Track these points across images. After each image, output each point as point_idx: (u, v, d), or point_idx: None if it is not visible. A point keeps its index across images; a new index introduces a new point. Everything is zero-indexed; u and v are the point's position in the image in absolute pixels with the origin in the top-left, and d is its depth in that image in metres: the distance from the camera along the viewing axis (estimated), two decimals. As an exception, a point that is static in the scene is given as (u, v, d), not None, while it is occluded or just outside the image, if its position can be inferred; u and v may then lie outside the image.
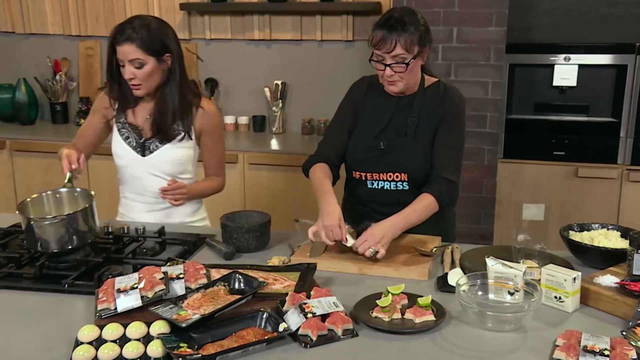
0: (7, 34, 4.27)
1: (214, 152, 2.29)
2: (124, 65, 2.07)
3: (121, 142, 2.22)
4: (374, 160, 2.04)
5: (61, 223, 1.77)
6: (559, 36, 3.56)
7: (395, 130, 2.03)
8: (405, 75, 1.95)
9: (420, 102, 2.02)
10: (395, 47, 1.88)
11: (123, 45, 2.05)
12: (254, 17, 3.88)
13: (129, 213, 2.29)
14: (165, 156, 2.19)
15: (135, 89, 2.11)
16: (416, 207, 1.90)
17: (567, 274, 1.54)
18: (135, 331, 1.38)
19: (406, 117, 2.03)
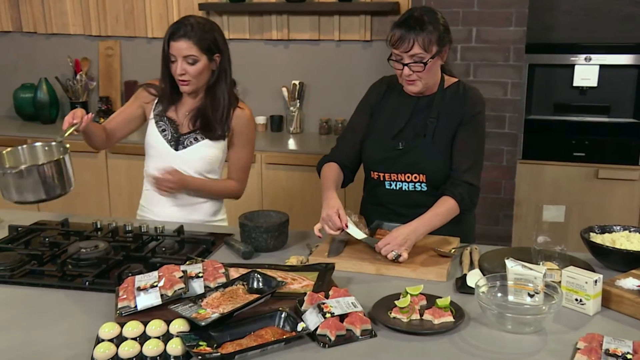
0: (30, 34, 4.33)
1: (239, 155, 2.30)
2: (176, 61, 2.12)
3: (157, 134, 2.25)
4: (392, 160, 2.03)
5: (25, 175, 1.80)
6: (580, 36, 3.52)
7: (414, 131, 2.02)
8: (424, 75, 1.94)
9: (440, 102, 2.01)
10: (413, 47, 1.88)
11: (179, 41, 2.09)
12: (272, 17, 3.89)
13: (151, 206, 2.31)
14: (198, 153, 2.22)
15: (184, 84, 2.15)
16: (438, 211, 1.89)
17: (589, 277, 1.52)
18: (155, 329, 1.39)
19: (425, 117, 2.01)
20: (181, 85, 2.16)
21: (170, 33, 2.12)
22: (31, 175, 1.79)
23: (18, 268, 1.77)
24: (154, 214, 2.29)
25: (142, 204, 2.37)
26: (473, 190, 1.96)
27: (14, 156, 1.92)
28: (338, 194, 1.99)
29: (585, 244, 1.84)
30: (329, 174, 2.07)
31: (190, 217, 2.26)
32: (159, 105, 2.27)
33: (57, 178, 1.84)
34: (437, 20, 1.91)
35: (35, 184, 1.79)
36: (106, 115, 4.16)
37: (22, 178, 1.79)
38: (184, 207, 2.27)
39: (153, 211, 2.30)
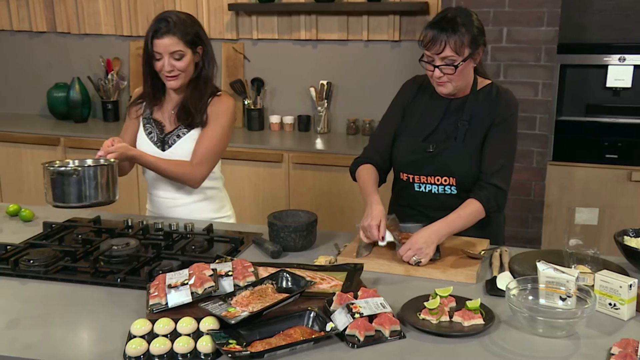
0: (63, 34, 4.41)
1: (203, 137, 2.20)
2: (161, 58, 2.11)
3: (144, 138, 2.26)
4: (422, 163, 2.01)
5: (80, 175, 1.83)
6: (614, 36, 3.45)
7: (445, 134, 2.00)
8: (455, 77, 1.91)
9: (472, 105, 1.98)
10: (445, 49, 1.85)
11: (164, 38, 2.09)
12: (301, 17, 3.90)
13: (155, 209, 2.33)
14: (184, 148, 2.20)
15: (172, 79, 2.14)
16: (462, 212, 1.87)
17: (623, 281, 1.49)
18: (186, 326, 1.41)
19: (457, 120, 1.99)
20: (168, 80, 2.15)
21: (153, 31, 2.11)
22: (80, 178, 1.83)
23: (52, 264, 1.80)
24: (158, 215, 2.32)
25: (148, 208, 2.40)
26: (500, 193, 1.92)
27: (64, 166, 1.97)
28: None
29: (619, 248, 1.80)
30: (369, 177, 2.04)
31: (191, 216, 2.26)
32: (146, 108, 2.28)
33: (104, 185, 1.87)
34: (471, 22, 1.88)
35: (81, 188, 1.83)
36: (136, 115, 4.23)
37: (70, 181, 1.83)
38: (186, 206, 2.28)
39: (160, 214, 2.32)
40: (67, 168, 1.88)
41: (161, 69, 2.13)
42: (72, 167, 1.89)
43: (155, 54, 2.12)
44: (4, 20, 4.47)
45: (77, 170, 1.85)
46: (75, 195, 1.86)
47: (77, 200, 1.87)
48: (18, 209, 2.27)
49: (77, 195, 1.86)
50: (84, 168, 1.87)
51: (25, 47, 4.51)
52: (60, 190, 1.86)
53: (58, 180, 1.85)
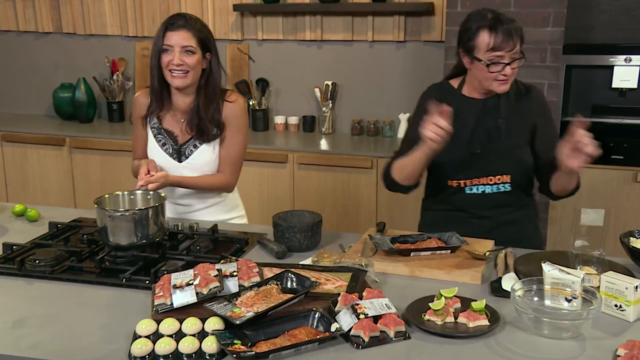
0: (69, 35, 4.43)
1: (228, 147, 2.22)
2: (171, 51, 2.09)
3: (157, 150, 2.25)
4: (471, 165, 2.00)
5: (133, 217, 1.84)
6: (620, 36, 3.44)
7: (485, 134, 2.00)
8: (514, 74, 1.95)
9: (507, 101, 2.01)
10: (517, 44, 1.90)
11: (179, 31, 2.09)
12: (306, 17, 3.90)
13: (170, 214, 2.32)
14: (201, 158, 2.22)
15: (179, 77, 2.11)
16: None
17: (629, 282, 1.49)
18: (191, 327, 1.41)
19: (494, 118, 2.00)
20: (175, 78, 2.12)
21: (168, 24, 2.11)
22: (131, 219, 1.84)
23: (58, 264, 1.81)
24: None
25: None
26: None
27: (114, 201, 2.00)
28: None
29: (625, 249, 1.80)
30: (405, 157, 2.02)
31: (203, 219, 2.26)
32: (153, 117, 2.25)
33: (152, 224, 1.88)
34: (515, 20, 1.94)
35: (131, 228, 1.84)
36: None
37: (122, 221, 1.84)
38: (200, 211, 2.29)
39: (176, 218, 2.33)
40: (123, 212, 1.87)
41: (168, 63, 2.10)
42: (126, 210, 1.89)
43: (165, 47, 2.10)
44: (10, 20, 4.49)
45: (135, 214, 1.86)
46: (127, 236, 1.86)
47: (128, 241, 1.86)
48: (24, 209, 2.28)
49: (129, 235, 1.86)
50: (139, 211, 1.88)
51: (31, 47, 4.53)
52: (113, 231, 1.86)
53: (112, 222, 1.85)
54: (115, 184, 3.65)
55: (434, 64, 3.68)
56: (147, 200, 2.02)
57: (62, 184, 4.07)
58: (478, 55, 1.92)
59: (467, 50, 1.95)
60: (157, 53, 2.14)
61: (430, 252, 1.85)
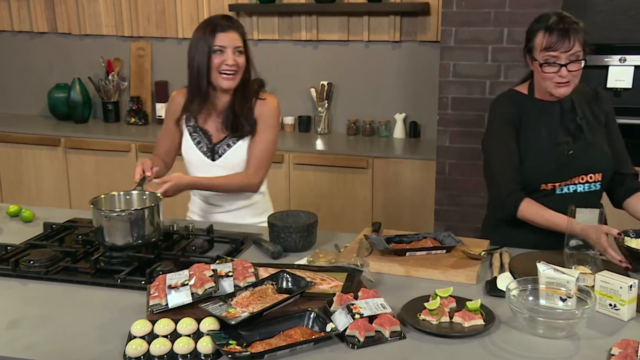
0: (64, 35, 4.42)
1: (255, 143, 2.21)
2: (222, 52, 2.10)
3: (193, 147, 2.26)
4: (566, 167, 1.98)
5: (129, 217, 1.84)
6: (615, 36, 3.45)
7: (569, 134, 2.01)
8: (578, 75, 1.93)
9: (579, 102, 2.03)
10: (574, 45, 1.88)
11: (230, 32, 2.11)
12: (302, 17, 3.90)
13: (197, 210, 2.35)
14: (235, 157, 2.22)
15: (230, 78, 2.13)
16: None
17: (623, 281, 1.49)
18: (186, 327, 1.41)
19: (572, 119, 2.01)
20: (225, 79, 2.13)
21: (215, 25, 2.11)
22: (127, 219, 1.84)
23: (52, 265, 1.80)
24: (205, 220, 2.33)
25: (191, 209, 2.40)
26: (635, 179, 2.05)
27: (110, 201, 2.00)
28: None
29: (620, 248, 1.80)
30: (545, 210, 1.93)
31: (236, 221, 2.27)
32: (190, 118, 2.25)
33: (148, 224, 1.88)
34: (580, 22, 1.93)
35: (127, 228, 1.84)
36: (137, 115, 4.23)
37: (118, 221, 1.84)
38: (232, 212, 2.29)
39: (197, 214, 2.35)
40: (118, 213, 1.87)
41: (221, 64, 2.10)
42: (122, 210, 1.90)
43: (217, 48, 2.10)
44: (5, 20, 4.48)
45: (131, 214, 1.86)
46: (123, 237, 1.86)
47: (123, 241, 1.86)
48: (18, 209, 2.28)
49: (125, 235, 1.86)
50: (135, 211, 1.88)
51: (26, 47, 4.52)
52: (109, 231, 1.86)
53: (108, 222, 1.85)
54: (110, 185, 3.64)
55: (429, 64, 3.69)
56: (143, 200, 2.02)
57: (57, 185, 4.06)
58: (535, 55, 1.94)
59: (528, 50, 1.98)
60: (207, 54, 2.11)
61: (426, 252, 1.85)
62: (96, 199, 1.95)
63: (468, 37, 3.13)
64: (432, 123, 3.61)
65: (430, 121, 3.74)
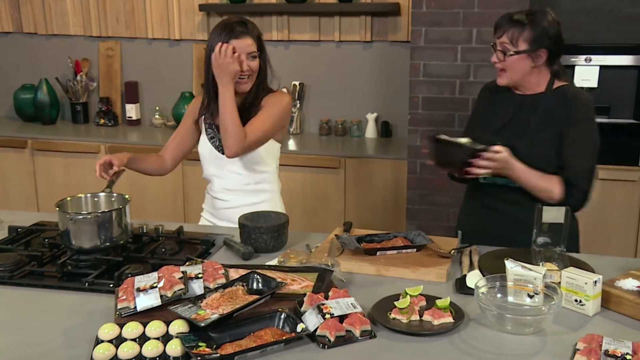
0: (30, 34, 4.34)
1: (257, 117, 2.20)
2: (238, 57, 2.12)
3: (206, 142, 2.28)
4: None
5: (95, 219, 1.81)
6: (580, 37, 3.52)
7: (516, 129, 2.04)
8: (507, 67, 1.99)
9: (545, 103, 2.03)
10: (502, 36, 1.98)
11: (244, 38, 2.13)
12: (273, 17, 3.89)
13: (210, 208, 2.35)
14: None
15: (244, 82, 2.16)
16: (543, 175, 1.96)
17: (588, 277, 1.52)
18: (155, 330, 1.39)
19: (528, 116, 2.03)
20: (240, 84, 2.16)
21: (230, 31, 2.12)
22: (94, 222, 1.82)
23: (18, 269, 1.77)
24: (217, 218, 2.33)
25: (205, 208, 2.39)
26: (583, 195, 1.98)
27: (77, 204, 1.97)
28: None
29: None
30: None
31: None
32: (207, 116, 2.27)
33: (116, 227, 1.86)
34: (541, 23, 1.95)
35: (94, 231, 1.82)
36: (106, 116, 4.17)
37: (85, 224, 1.82)
38: (238, 208, 2.25)
39: (216, 214, 2.33)
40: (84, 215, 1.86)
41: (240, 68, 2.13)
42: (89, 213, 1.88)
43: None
44: (-31, 20, 4.38)
45: (97, 216, 1.83)
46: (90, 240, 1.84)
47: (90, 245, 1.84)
48: (-17, 213, 2.23)
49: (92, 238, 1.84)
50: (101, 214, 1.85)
51: (-9, 47, 4.43)
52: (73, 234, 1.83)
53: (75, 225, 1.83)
54: (79, 187, 3.59)
55: (400, 64, 3.71)
56: (111, 202, 1.99)
57: (24, 187, 3.98)
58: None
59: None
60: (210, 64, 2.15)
61: (397, 251, 1.86)
62: (62, 201, 1.92)
63: (438, 37, 3.16)
64: (403, 122, 3.64)
65: (401, 121, 3.77)
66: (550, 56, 2.00)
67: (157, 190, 3.77)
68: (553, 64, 2.04)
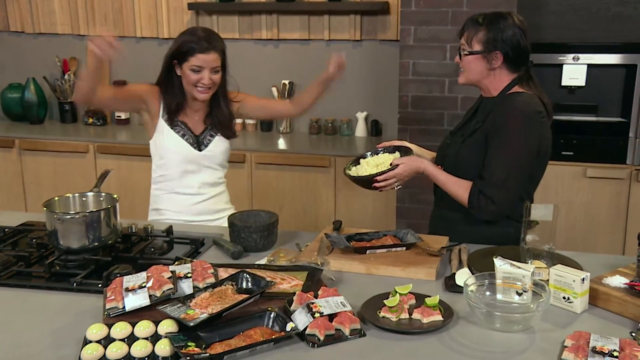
0: (17, 33, 4.30)
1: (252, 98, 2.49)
2: (200, 71, 2.20)
3: (178, 139, 2.31)
4: (439, 151, 2.19)
5: (84, 219, 1.80)
6: (568, 35, 3.54)
7: (462, 130, 2.11)
8: (464, 66, 2.03)
9: (487, 107, 2.04)
10: (462, 36, 2.02)
11: (210, 54, 2.20)
12: (262, 16, 3.88)
13: (179, 207, 2.35)
14: (218, 147, 2.36)
15: (205, 92, 2.24)
16: (452, 177, 2.00)
17: (576, 275, 1.53)
18: (144, 330, 1.39)
19: (476, 120, 2.07)
20: (200, 94, 2.24)
21: (199, 47, 2.18)
22: (82, 222, 1.81)
23: (5, 270, 1.75)
24: (191, 214, 2.35)
25: (162, 208, 2.38)
26: (489, 203, 1.91)
27: (65, 204, 1.96)
28: None
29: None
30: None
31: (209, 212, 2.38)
32: (166, 113, 2.31)
33: (104, 226, 1.84)
34: (497, 26, 1.95)
35: (82, 231, 1.81)
36: (95, 115, 4.15)
37: (73, 224, 1.81)
38: (206, 201, 2.37)
39: (176, 213, 2.35)
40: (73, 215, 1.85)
41: (197, 81, 2.21)
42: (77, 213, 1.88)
43: (196, 68, 2.20)
44: (-45, 18, 4.34)
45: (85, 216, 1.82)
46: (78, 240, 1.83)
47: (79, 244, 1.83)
48: (-31, 213, 2.20)
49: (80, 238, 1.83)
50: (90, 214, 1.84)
51: (-23, 46, 4.38)
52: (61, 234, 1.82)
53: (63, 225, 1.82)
54: (68, 187, 3.56)
55: (390, 63, 3.72)
56: (100, 202, 1.98)
57: (12, 187, 3.95)
58: None
59: None
60: (170, 67, 2.25)
61: (386, 249, 1.86)
62: (50, 201, 1.91)
63: (427, 36, 3.17)
64: (393, 121, 3.64)
65: (391, 119, 3.77)
66: (507, 60, 1.96)
67: (146, 189, 3.74)
68: (517, 69, 1.99)
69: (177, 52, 2.22)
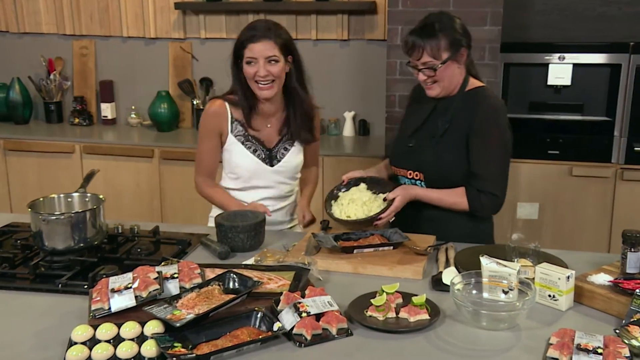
0: (1, 33, 4.26)
1: (315, 149, 2.38)
2: (254, 63, 2.06)
3: (249, 156, 2.18)
4: (403, 157, 2.12)
5: (69, 220, 1.79)
6: (554, 35, 3.56)
7: (429, 132, 2.06)
8: (439, 78, 1.98)
9: (456, 106, 2.03)
10: (423, 55, 1.94)
11: (261, 42, 2.05)
12: (249, 16, 3.87)
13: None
14: (292, 162, 2.24)
15: (267, 88, 2.09)
16: (442, 192, 2.00)
17: (561, 273, 1.54)
18: (129, 331, 1.38)
19: (438, 120, 2.05)
20: (262, 90, 2.09)
21: (248, 36, 2.07)
22: (67, 223, 1.79)
23: (-11, 271, 1.74)
24: None
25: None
26: (494, 200, 1.99)
27: (50, 204, 1.94)
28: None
29: None
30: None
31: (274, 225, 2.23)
32: (237, 125, 2.18)
33: (90, 227, 1.83)
34: (451, 26, 1.95)
35: (68, 231, 1.79)
36: (81, 115, 4.12)
37: (58, 225, 1.79)
38: (278, 211, 2.27)
39: None
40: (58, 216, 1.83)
41: (254, 74, 2.07)
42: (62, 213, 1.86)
43: (249, 59, 2.07)
44: (-62, 18, 4.29)
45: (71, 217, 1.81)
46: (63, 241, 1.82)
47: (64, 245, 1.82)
48: (-47, 214, 2.18)
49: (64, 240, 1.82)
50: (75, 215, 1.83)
51: (-39, 46, 4.34)
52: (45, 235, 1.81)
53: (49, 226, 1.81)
54: (54, 187, 3.53)
55: (377, 62, 3.72)
56: (85, 202, 1.97)
57: (-3, 188, 3.91)
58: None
59: None
60: (238, 70, 2.12)
61: (373, 248, 1.87)
62: (34, 202, 1.89)
63: (414, 35, 3.17)
64: (380, 121, 3.65)
65: (379, 119, 3.78)
66: (469, 51, 2.01)
67: (133, 190, 3.73)
68: (469, 57, 2.05)
69: (235, 49, 2.11)
